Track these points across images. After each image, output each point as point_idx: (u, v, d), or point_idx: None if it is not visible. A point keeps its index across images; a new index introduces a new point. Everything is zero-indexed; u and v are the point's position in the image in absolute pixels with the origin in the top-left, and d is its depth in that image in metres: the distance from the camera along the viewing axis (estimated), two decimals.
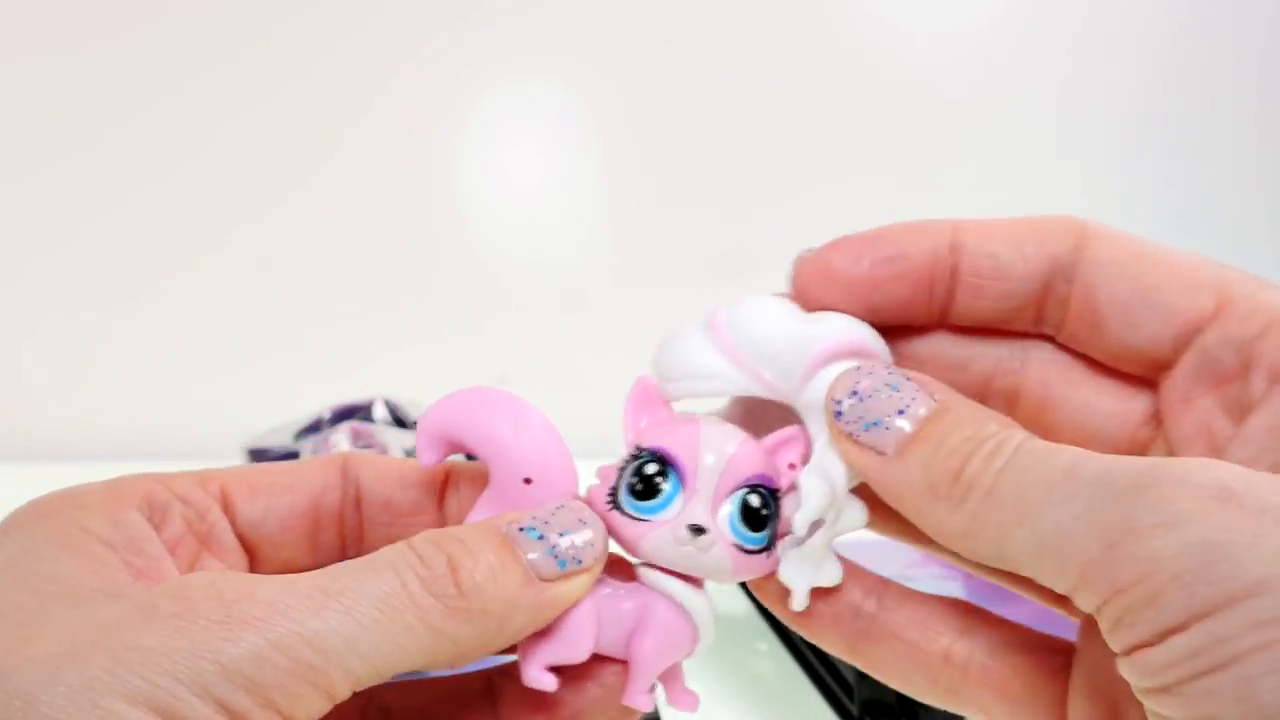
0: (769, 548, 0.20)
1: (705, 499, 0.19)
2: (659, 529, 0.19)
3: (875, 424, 0.18)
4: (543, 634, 0.19)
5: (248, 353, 0.85)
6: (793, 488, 0.20)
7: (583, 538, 0.19)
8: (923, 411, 0.18)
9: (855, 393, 0.19)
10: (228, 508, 0.20)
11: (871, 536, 0.67)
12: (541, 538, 0.18)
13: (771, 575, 0.20)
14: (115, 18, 0.83)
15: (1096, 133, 0.96)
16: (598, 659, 0.20)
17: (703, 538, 0.19)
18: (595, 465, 0.21)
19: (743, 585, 0.22)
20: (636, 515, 0.19)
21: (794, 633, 0.46)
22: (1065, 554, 0.15)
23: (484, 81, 0.87)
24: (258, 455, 0.64)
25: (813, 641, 0.22)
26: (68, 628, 0.15)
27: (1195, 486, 0.14)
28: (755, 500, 0.20)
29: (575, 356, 0.87)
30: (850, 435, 0.18)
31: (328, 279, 0.86)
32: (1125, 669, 0.15)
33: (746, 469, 0.20)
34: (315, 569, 0.21)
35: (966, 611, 0.20)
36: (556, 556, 0.18)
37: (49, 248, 0.85)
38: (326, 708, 0.16)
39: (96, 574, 0.17)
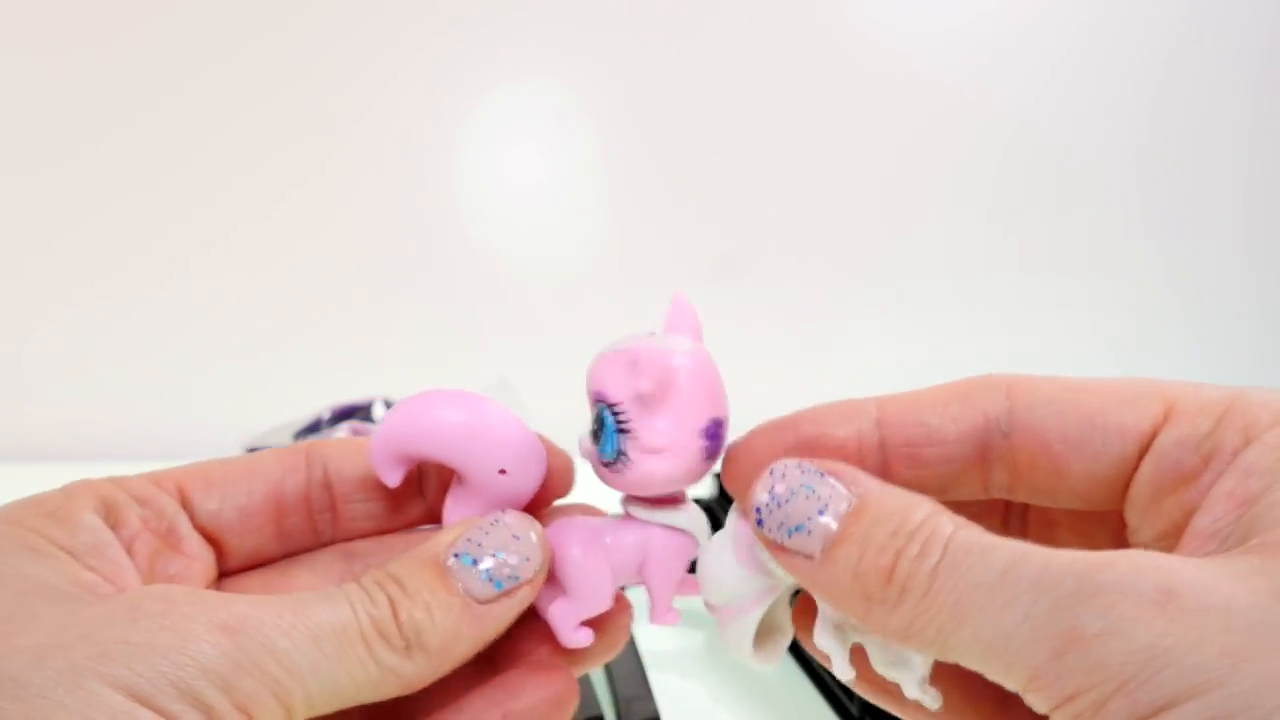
0: (617, 460, 0.20)
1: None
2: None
3: (798, 528, 0.18)
4: (567, 596, 0.20)
5: (247, 353, 0.85)
6: (645, 398, 0.20)
7: (518, 553, 0.19)
8: (843, 508, 0.18)
9: (773, 497, 0.19)
10: (186, 503, 0.21)
11: None
12: (475, 562, 0.19)
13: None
14: (116, 19, 0.83)
15: (1096, 134, 0.96)
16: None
17: (593, 457, 0.21)
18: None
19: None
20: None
21: (793, 633, 0.46)
22: (1011, 659, 0.15)
23: (484, 81, 0.87)
24: None
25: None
26: (55, 622, 0.16)
27: (1136, 592, 0.14)
28: (593, 415, 0.21)
29: (574, 356, 0.87)
30: (776, 543, 0.18)
31: (328, 279, 0.86)
32: None
33: (590, 387, 0.21)
34: (285, 556, 0.22)
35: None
36: (492, 579, 0.19)
37: (49, 248, 0.85)
38: None
39: (67, 577, 0.17)
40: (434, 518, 0.23)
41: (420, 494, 0.23)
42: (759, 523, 0.19)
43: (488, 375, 0.69)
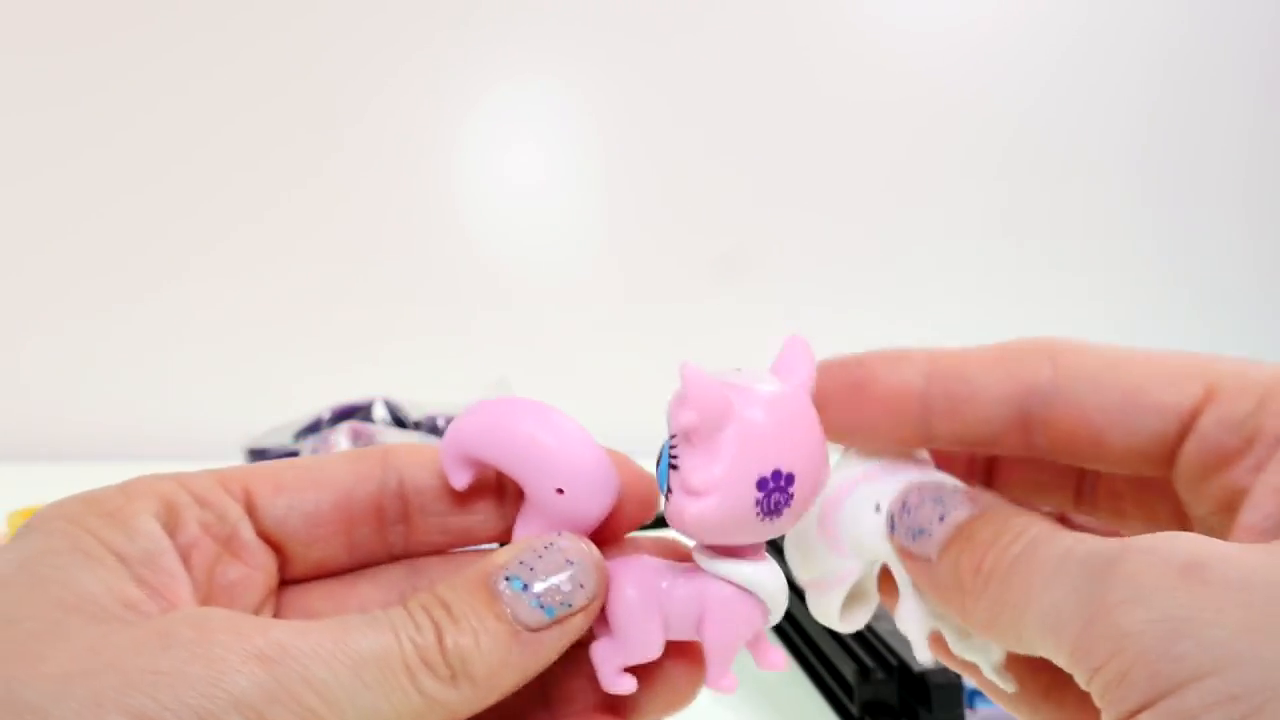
0: (667, 496, 0.19)
1: None
2: None
3: (921, 532, 0.19)
4: (612, 637, 0.19)
5: (248, 353, 0.85)
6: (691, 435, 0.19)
7: (571, 580, 0.18)
8: (962, 515, 0.19)
9: (905, 507, 0.20)
10: (251, 507, 0.20)
11: None
12: (526, 587, 0.18)
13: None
14: (116, 19, 0.83)
15: (1097, 133, 0.96)
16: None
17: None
18: None
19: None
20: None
21: (794, 633, 0.46)
22: (1059, 632, 0.16)
23: (484, 81, 0.87)
24: (257, 455, 0.64)
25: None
26: (84, 645, 0.15)
27: (1161, 560, 0.15)
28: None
29: (574, 356, 0.87)
30: (904, 549, 0.19)
31: (328, 280, 0.86)
32: None
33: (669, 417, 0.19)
34: (352, 567, 0.21)
35: None
36: (543, 606, 0.18)
37: (49, 248, 0.85)
38: None
39: (111, 590, 0.17)
40: (510, 537, 0.21)
41: (500, 513, 0.21)
42: (891, 529, 0.20)
43: (487, 375, 0.69)
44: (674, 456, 0.18)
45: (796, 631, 0.46)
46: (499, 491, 0.21)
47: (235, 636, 0.16)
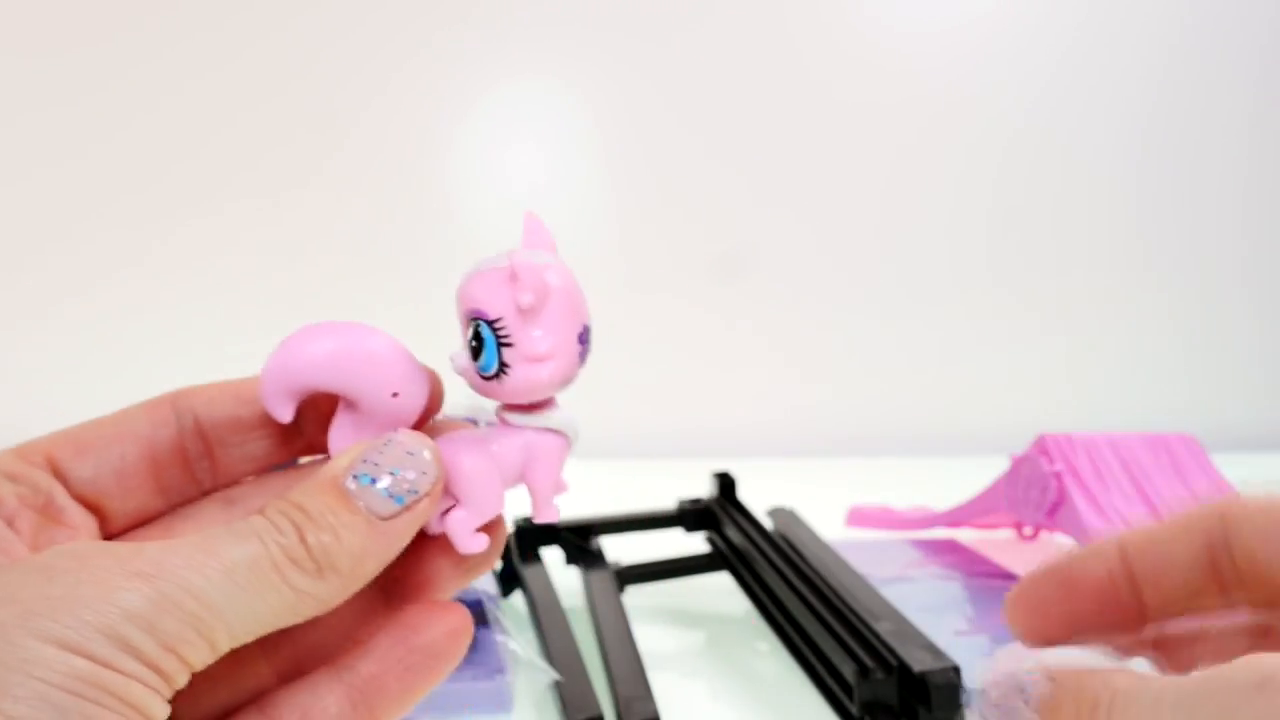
0: (500, 372, 0.21)
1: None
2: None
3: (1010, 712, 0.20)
4: (461, 505, 0.21)
5: (248, 353, 0.85)
6: (526, 310, 0.21)
7: (414, 469, 0.20)
8: (1044, 690, 0.20)
9: (988, 698, 0.20)
10: (58, 473, 0.21)
11: (870, 537, 0.67)
12: (374, 481, 0.19)
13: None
14: (115, 19, 0.83)
15: (1097, 135, 0.96)
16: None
17: (469, 373, 0.22)
18: (597, 465, 0.22)
19: (745, 588, 0.22)
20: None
21: (794, 633, 0.46)
22: None
23: (484, 81, 0.87)
24: None
25: None
26: None
27: (1239, 681, 0.15)
28: (469, 331, 0.22)
29: None
30: None
31: (327, 278, 0.86)
32: None
33: (465, 305, 0.22)
34: (169, 511, 0.22)
35: None
36: (392, 495, 0.19)
37: (49, 248, 0.85)
38: (211, 658, 0.17)
39: None
40: (313, 451, 0.23)
41: (297, 430, 0.23)
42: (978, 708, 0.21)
43: None
44: (504, 337, 0.21)
45: (796, 631, 0.46)
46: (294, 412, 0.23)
47: (113, 560, 0.17)
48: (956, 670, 0.37)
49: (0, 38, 0.83)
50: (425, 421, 0.23)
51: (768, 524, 0.53)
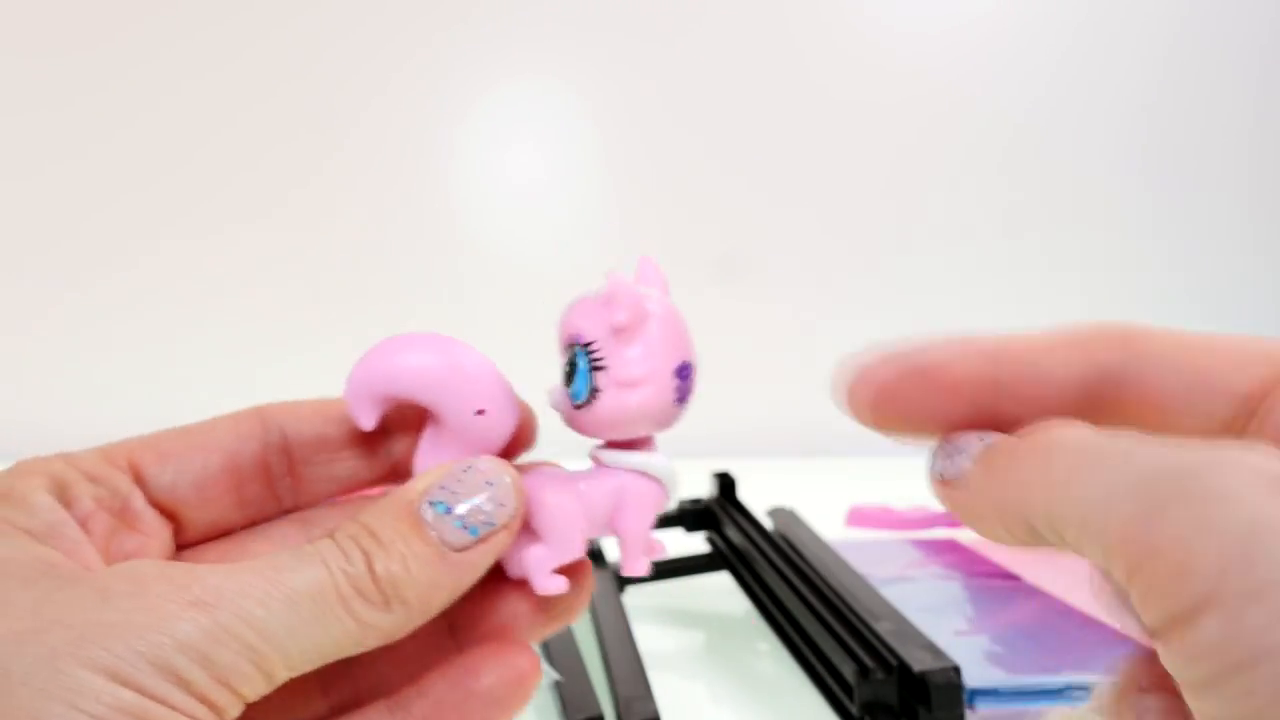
0: (590, 399, 0.20)
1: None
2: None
3: (959, 452, 0.19)
4: (540, 543, 0.20)
5: (247, 353, 0.85)
6: (624, 331, 0.20)
7: (492, 499, 0.19)
8: (999, 436, 0.19)
9: (946, 440, 0.20)
10: (139, 478, 0.20)
11: (870, 537, 0.67)
12: (449, 509, 0.18)
13: None
14: (115, 19, 0.83)
15: (1097, 134, 0.96)
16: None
17: (564, 404, 0.20)
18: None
19: (745, 588, 0.22)
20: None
21: (794, 633, 0.46)
22: (1108, 514, 0.15)
23: (484, 81, 0.87)
24: None
25: None
26: (25, 607, 0.16)
27: (1253, 469, 0.14)
28: (565, 359, 0.20)
29: None
30: (941, 478, 0.19)
31: (327, 279, 0.86)
32: (1165, 660, 0.14)
33: (564, 332, 0.21)
34: (246, 525, 0.22)
35: None
36: (467, 526, 0.18)
37: (49, 248, 0.85)
38: (266, 689, 0.17)
39: (31, 555, 0.17)
40: (399, 476, 0.22)
41: (384, 454, 0.22)
42: (931, 465, 0.20)
43: None
44: (598, 358, 0.20)
45: (796, 631, 0.46)
46: (383, 434, 0.22)
47: (171, 586, 0.16)
48: (956, 670, 0.37)
49: (0, 38, 0.83)
50: (515, 454, 0.22)
51: (768, 524, 0.53)
